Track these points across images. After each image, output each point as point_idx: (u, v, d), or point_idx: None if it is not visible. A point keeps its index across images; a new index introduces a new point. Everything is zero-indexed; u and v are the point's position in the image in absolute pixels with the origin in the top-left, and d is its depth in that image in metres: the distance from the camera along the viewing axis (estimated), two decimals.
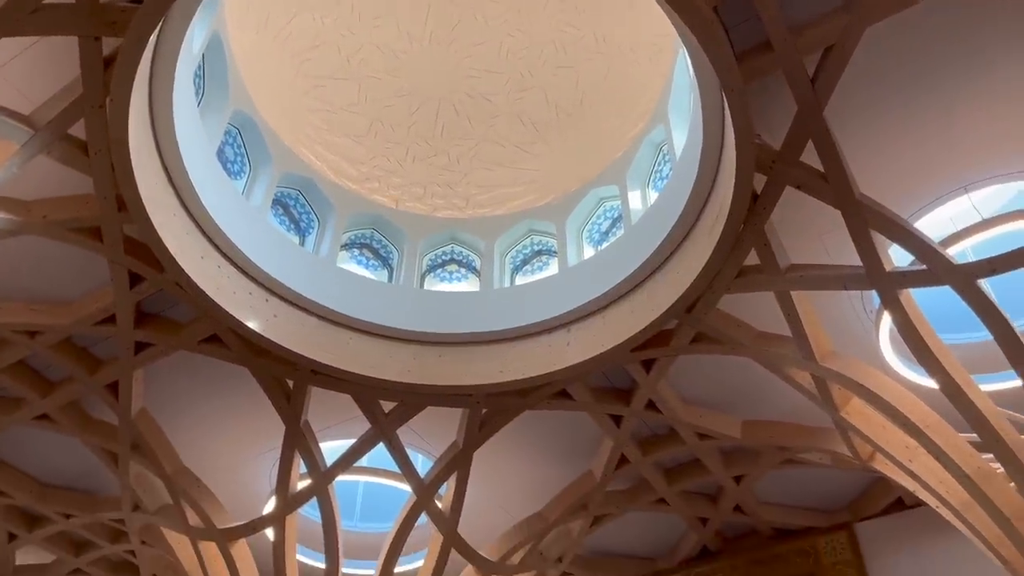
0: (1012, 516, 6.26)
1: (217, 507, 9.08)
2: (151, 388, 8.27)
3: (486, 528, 9.79)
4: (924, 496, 7.44)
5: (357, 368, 7.80)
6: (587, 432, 8.88)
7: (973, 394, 6.15)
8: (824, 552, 10.04)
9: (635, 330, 7.38)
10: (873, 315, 7.36)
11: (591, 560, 11.01)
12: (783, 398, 8.19)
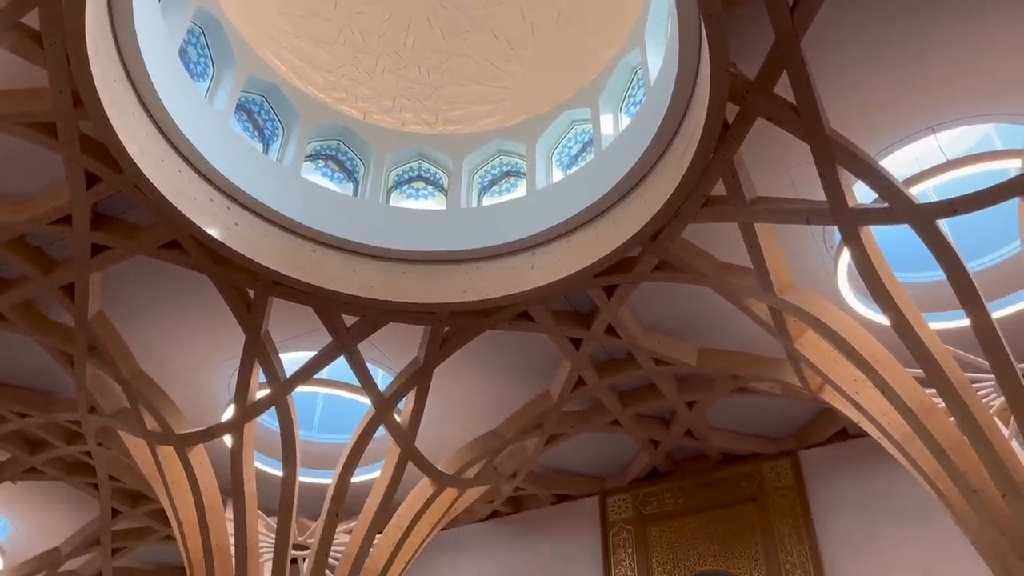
0: (949, 449, 6.52)
1: (175, 413, 9.10)
2: (109, 291, 8.16)
3: (443, 443, 9.97)
4: (867, 427, 7.72)
5: (319, 281, 7.75)
6: (546, 354, 9.00)
7: (922, 331, 6.32)
8: (768, 477, 10.44)
9: (599, 256, 7.42)
10: (833, 251, 7.49)
11: (544, 477, 11.31)
12: (739, 328, 8.36)
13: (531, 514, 11.92)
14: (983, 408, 6.26)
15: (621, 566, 10.71)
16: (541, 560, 11.41)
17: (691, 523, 10.62)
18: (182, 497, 9.27)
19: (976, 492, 6.35)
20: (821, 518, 9.91)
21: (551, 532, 11.58)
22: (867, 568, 9.37)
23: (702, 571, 10.21)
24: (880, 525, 9.56)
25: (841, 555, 9.58)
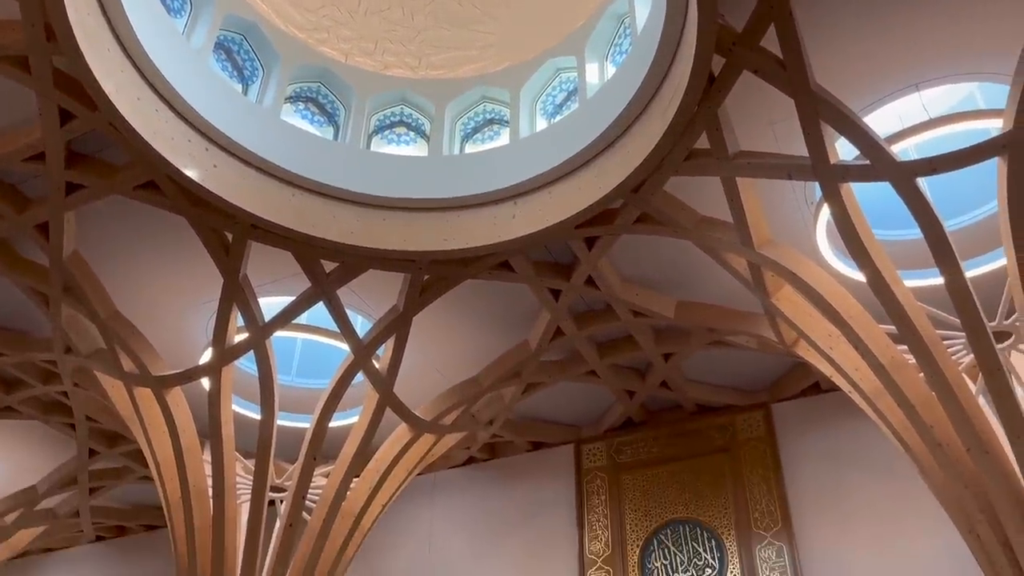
0: (917, 404, 6.66)
1: (152, 355, 9.08)
2: (84, 231, 8.05)
3: (421, 390, 10.04)
4: (839, 381, 7.86)
5: (298, 226, 7.70)
6: (525, 304, 9.04)
7: (897, 289, 6.40)
8: (741, 428, 10.64)
9: (581, 207, 7.41)
10: (813, 207, 7.53)
11: (521, 424, 11.45)
12: (718, 282, 8.43)
13: (507, 460, 12.09)
14: (952, 365, 6.38)
15: (594, 512, 10.92)
16: (516, 505, 11.62)
17: (663, 472, 10.82)
18: (159, 438, 9.31)
19: (942, 446, 6.52)
20: (790, 469, 10.14)
21: (526, 478, 11.77)
22: (833, 517, 9.63)
23: (673, 518, 10.44)
24: (847, 476, 9.80)
25: (808, 505, 9.83)
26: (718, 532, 10.10)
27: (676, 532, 10.34)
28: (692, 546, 10.16)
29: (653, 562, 10.26)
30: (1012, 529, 6.08)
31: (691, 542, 10.19)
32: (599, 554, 10.58)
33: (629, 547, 10.48)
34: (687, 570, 10.03)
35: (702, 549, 10.09)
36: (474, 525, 11.75)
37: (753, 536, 9.85)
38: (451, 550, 11.65)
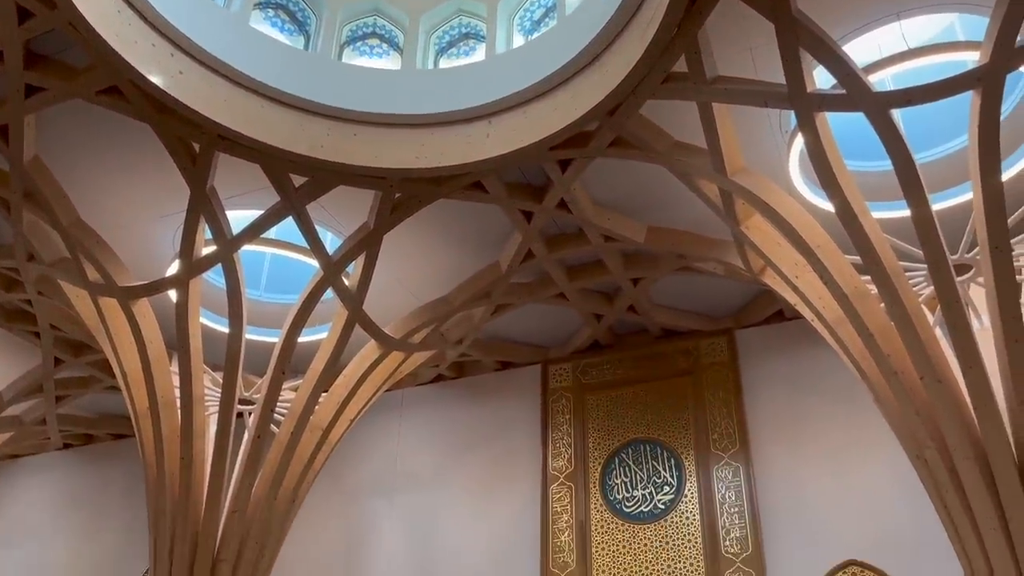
0: (876, 333, 6.82)
1: (117, 265, 8.96)
2: (45, 136, 7.83)
3: (391, 308, 10.07)
4: (803, 310, 8.01)
5: (267, 138, 7.54)
6: (497, 225, 9.02)
7: (864, 220, 6.48)
8: (704, 353, 10.85)
9: (556, 128, 7.33)
10: (787, 136, 7.53)
11: (489, 344, 11.57)
12: (688, 208, 8.45)
13: (475, 379, 12.25)
14: (913, 296, 6.53)
15: (559, 430, 11.18)
16: (483, 422, 11.84)
17: (627, 393, 11.06)
18: (126, 349, 9.28)
19: (897, 374, 6.71)
20: (751, 393, 10.41)
21: (493, 397, 11.97)
22: (788, 440, 9.96)
23: (634, 438, 10.73)
24: (805, 402, 10.10)
25: (766, 428, 10.14)
26: (677, 452, 10.41)
27: (637, 451, 10.64)
28: (652, 464, 10.48)
29: (614, 479, 10.58)
30: (959, 455, 6.34)
31: (651, 461, 10.50)
32: (562, 470, 10.88)
33: (591, 464, 10.78)
34: (646, 487, 10.36)
35: (661, 468, 10.41)
36: (441, 441, 11.98)
37: (711, 456, 10.17)
38: (418, 465, 11.89)
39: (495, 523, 11.01)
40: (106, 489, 13.86)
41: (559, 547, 10.38)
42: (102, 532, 13.51)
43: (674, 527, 9.99)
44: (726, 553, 9.56)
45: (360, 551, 11.60)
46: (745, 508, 9.71)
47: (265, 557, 9.02)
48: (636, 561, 9.97)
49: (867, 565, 9.00)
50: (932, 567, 8.50)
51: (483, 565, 10.80)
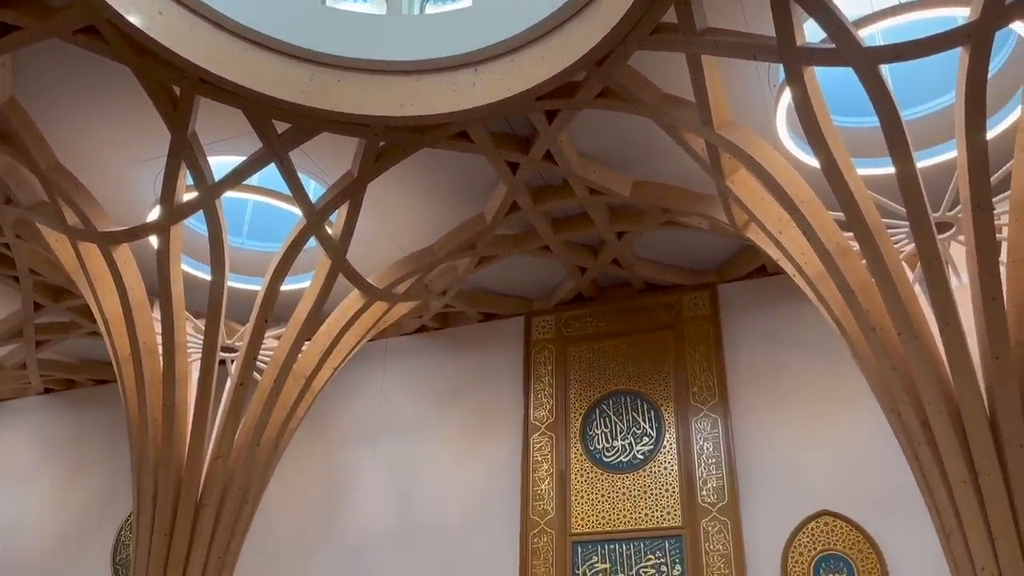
0: (857, 290, 6.89)
1: (97, 209, 8.85)
2: (21, 77, 7.65)
3: (374, 258, 10.04)
4: (785, 265, 8.06)
5: (249, 83, 7.40)
6: (482, 176, 8.96)
7: (849, 176, 6.49)
8: (687, 307, 10.94)
9: (543, 78, 7.23)
10: (775, 91, 7.48)
11: (473, 295, 11.59)
12: (674, 162, 8.43)
13: (458, 330, 12.30)
14: (894, 253, 6.58)
15: (541, 382, 11.28)
16: (465, 373, 11.92)
17: (609, 346, 11.15)
18: (107, 295, 9.22)
19: (875, 330, 6.80)
20: (731, 347, 10.53)
21: (477, 348, 12.03)
22: (767, 394, 10.11)
23: (615, 389, 10.85)
24: (784, 356, 10.23)
25: (745, 381, 10.28)
26: (657, 404, 10.55)
27: (618, 402, 10.77)
28: (632, 416, 10.62)
29: (594, 429, 10.72)
30: (932, 409, 6.46)
31: (631, 412, 10.64)
32: (543, 420, 11.00)
33: (572, 415, 10.91)
34: (626, 438, 10.52)
35: (641, 419, 10.56)
36: (424, 390, 12.06)
37: (690, 408, 10.31)
38: (401, 413, 11.99)
39: (477, 471, 11.16)
40: (88, 434, 13.90)
41: (539, 495, 10.55)
42: (84, 477, 13.58)
43: (652, 476, 10.17)
44: (703, 502, 9.75)
45: (343, 498, 11.74)
46: (722, 459, 9.89)
47: (248, 503, 9.11)
48: (614, 509, 10.16)
49: (839, 515, 9.22)
50: (902, 518, 8.74)
51: (464, 512, 10.97)
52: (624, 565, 9.84)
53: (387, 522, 11.31)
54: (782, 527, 9.39)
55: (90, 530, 13.05)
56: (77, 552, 12.94)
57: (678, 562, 9.61)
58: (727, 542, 9.46)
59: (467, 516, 10.93)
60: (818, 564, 9.10)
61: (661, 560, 9.71)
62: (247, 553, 9.70)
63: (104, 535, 12.90)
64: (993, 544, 6.05)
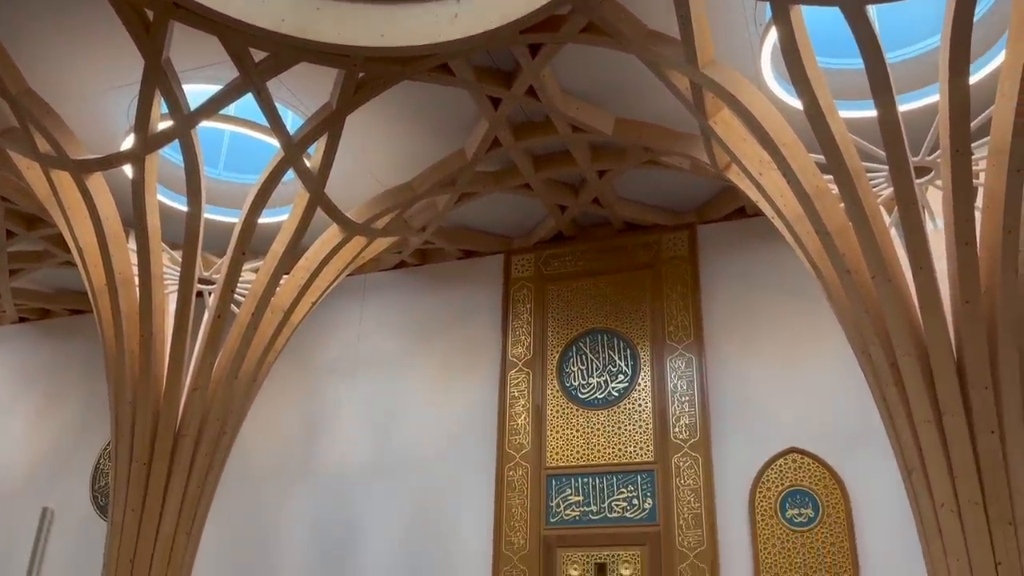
0: (834, 232, 6.94)
1: (69, 137, 8.66)
2: None
3: (353, 193, 9.95)
4: (764, 207, 8.09)
5: (225, 8, 7.19)
6: (463, 111, 8.86)
7: (832, 119, 6.47)
8: (665, 247, 10.99)
9: (527, 11, 7.08)
10: (761, 30, 7.40)
11: (453, 232, 11.56)
12: (657, 101, 8.37)
13: (437, 267, 12.30)
14: (872, 197, 6.62)
15: (519, 319, 11.36)
16: (445, 309, 11.97)
17: (587, 285, 11.22)
18: (81, 225, 9.09)
19: (850, 273, 6.87)
20: (708, 288, 10.63)
21: (456, 285, 12.06)
22: (742, 334, 10.26)
23: (592, 328, 10.96)
24: (760, 298, 10.35)
25: (721, 322, 10.41)
26: (633, 342, 10.68)
27: (594, 340, 10.89)
28: (608, 354, 10.75)
29: (571, 367, 10.86)
30: (901, 352, 6.59)
31: (607, 350, 10.77)
32: (520, 357, 11.12)
33: (549, 352, 11.03)
34: (601, 375, 10.66)
35: (617, 357, 10.69)
36: (402, 326, 12.11)
37: (666, 347, 10.45)
38: (379, 349, 12.05)
39: (454, 406, 11.30)
40: (64, 364, 13.87)
41: (515, 429, 10.72)
42: (61, 406, 13.60)
43: (626, 413, 10.36)
44: (675, 439, 9.97)
45: (322, 430, 11.87)
46: (695, 397, 10.08)
47: (227, 434, 9.18)
48: (588, 444, 10.37)
49: (806, 452, 9.47)
50: (867, 456, 9.00)
51: (441, 445, 11.14)
52: (597, 498, 10.09)
53: (365, 454, 11.47)
54: (751, 463, 9.64)
55: (68, 458, 13.13)
56: (56, 480, 13.03)
57: (649, 496, 9.86)
58: (697, 477, 9.71)
59: (444, 449, 11.11)
60: (784, 499, 9.38)
61: (633, 494, 9.96)
62: (226, 483, 9.83)
63: (82, 463, 12.99)
64: (953, 482, 6.24)
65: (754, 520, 9.41)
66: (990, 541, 6.00)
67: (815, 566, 9.02)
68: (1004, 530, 5.99)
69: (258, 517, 11.60)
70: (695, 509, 9.59)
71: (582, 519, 10.07)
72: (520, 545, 10.12)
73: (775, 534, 9.28)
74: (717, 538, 9.43)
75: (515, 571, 10.01)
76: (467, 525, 10.56)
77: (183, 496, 8.71)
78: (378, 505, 11.10)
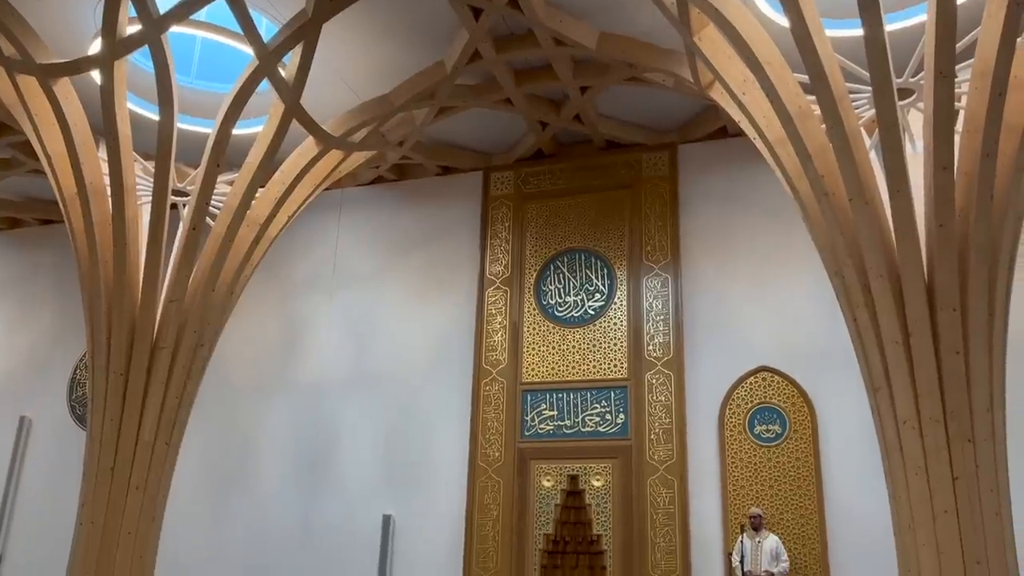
0: (814, 154, 6.92)
1: (35, 41, 8.35)
2: None
3: (330, 105, 9.76)
4: (746, 127, 8.04)
5: None
6: (443, 21, 8.63)
7: (818, 38, 6.37)
8: (646, 166, 10.95)
9: None
10: None
11: (431, 147, 11.41)
12: (642, 15, 8.21)
13: (416, 183, 12.19)
14: (854, 118, 6.59)
15: (497, 237, 11.34)
16: (422, 226, 11.91)
17: (567, 203, 11.19)
18: (49, 131, 8.86)
19: (828, 195, 6.89)
20: (687, 208, 10.65)
21: (434, 201, 11.97)
22: (718, 255, 10.36)
23: (570, 247, 10.98)
24: (737, 219, 10.40)
25: (698, 242, 10.48)
26: (611, 261, 10.73)
27: (572, 259, 10.93)
28: (585, 272, 10.81)
29: (548, 285, 10.92)
30: (873, 274, 6.67)
31: (585, 269, 10.83)
32: (499, 275, 11.15)
33: (527, 270, 11.07)
34: (578, 294, 10.75)
35: (594, 276, 10.76)
36: (380, 242, 12.07)
37: (643, 267, 10.53)
38: (357, 264, 12.03)
39: (432, 323, 11.38)
40: (36, 274, 13.73)
41: (492, 346, 10.84)
42: (34, 317, 13.53)
43: (602, 331, 10.49)
44: (648, 356, 10.14)
45: (299, 344, 11.93)
46: (670, 316, 10.21)
47: (204, 346, 9.18)
48: (564, 360, 10.52)
49: (776, 371, 9.70)
50: (835, 376, 9.24)
51: (418, 360, 11.26)
52: (571, 413, 10.30)
53: (343, 368, 11.57)
54: (722, 381, 9.86)
55: (44, 369, 13.13)
56: (32, 390, 13.05)
57: (622, 411, 10.08)
58: (669, 394, 9.92)
59: (421, 364, 11.23)
60: (753, 415, 9.64)
61: (606, 409, 10.18)
62: (204, 395, 9.88)
63: (59, 374, 13.01)
64: (917, 401, 6.42)
65: (723, 435, 9.68)
66: (949, 457, 6.22)
67: (780, 479, 9.34)
68: (963, 446, 6.20)
69: (238, 428, 11.74)
70: (666, 424, 9.84)
71: (556, 433, 10.30)
72: (495, 457, 10.37)
73: (743, 449, 9.57)
74: (687, 452, 9.71)
75: (490, 482, 10.28)
76: (444, 438, 10.77)
77: (162, 406, 8.75)
78: (356, 418, 11.27)
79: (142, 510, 8.46)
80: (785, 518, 9.16)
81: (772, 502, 9.25)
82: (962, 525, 6.04)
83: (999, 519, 6.07)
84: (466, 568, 10.06)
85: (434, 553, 10.34)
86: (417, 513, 10.59)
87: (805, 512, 9.13)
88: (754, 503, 9.23)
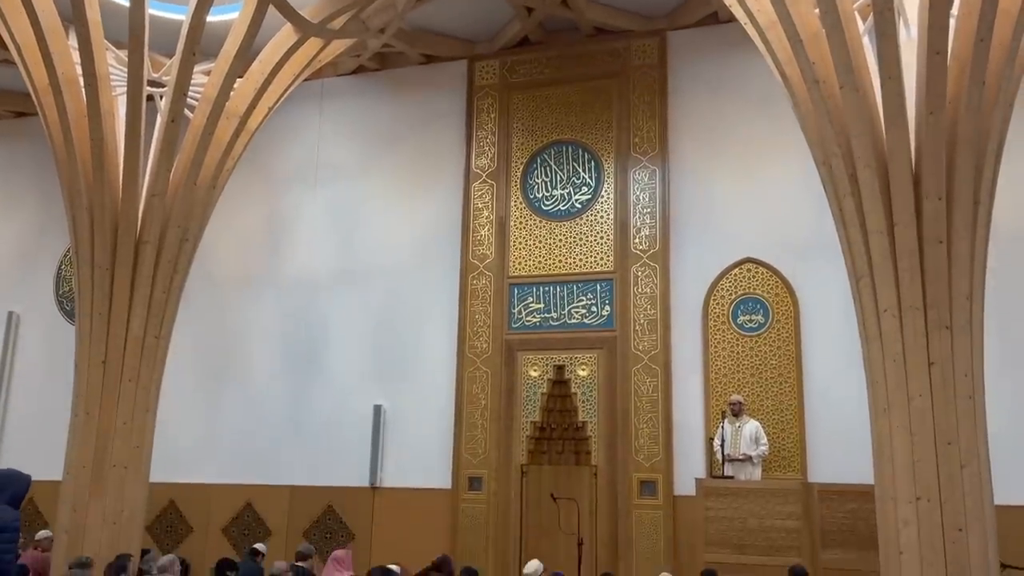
0: (806, 40, 6.76)
1: None
2: None
3: None
4: (737, 12, 7.80)
5: None
6: None
7: None
8: (635, 55, 10.69)
9: None
10: None
11: (413, 35, 11.08)
12: None
13: (398, 72, 11.88)
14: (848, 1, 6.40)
15: (483, 129, 11.15)
16: (406, 117, 11.68)
17: (553, 93, 10.97)
18: (16, 18, 8.51)
19: (818, 83, 6.77)
20: (676, 97, 10.47)
21: (417, 91, 11.71)
22: (706, 146, 10.26)
23: (557, 139, 10.83)
24: (726, 108, 10.25)
25: (686, 133, 10.36)
26: (598, 154, 10.62)
27: (559, 152, 10.80)
28: (572, 165, 10.71)
29: (535, 178, 10.83)
30: (861, 163, 6.62)
31: (572, 162, 10.72)
32: (484, 168, 11.03)
33: (513, 164, 10.95)
34: (565, 187, 10.68)
35: (582, 169, 10.66)
36: (363, 134, 11.86)
37: (630, 159, 10.42)
38: (340, 156, 11.85)
39: (417, 216, 11.32)
40: (14, 168, 13.47)
41: (479, 240, 10.83)
42: (15, 210, 13.35)
43: (588, 224, 10.48)
44: (635, 249, 10.17)
45: (284, 238, 11.88)
46: (657, 209, 10.19)
47: (188, 240, 9.11)
48: (550, 254, 10.55)
49: (760, 262, 9.78)
50: (818, 265, 9.32)
51: (404, 254, 11.26)
52: (557, 305, 10.40)
53: (329, 262, 11.57)
54: (707, 272, 9.94)
55: (29, 263, 13.05)
56: (18, 285, 13.00)
57: (608, 303, 10.19)
58: (654, 285, 10.01)
59: (407, 258, 11.23)
60: (737, 306, 9.77)
61: (592, 301, 10.28)
62: (192, 290, 9.91)
63: (44, 269, 12.94)
64: (898, 289, 6.48)
65: (707, 326, 9.83)
66: (926, 344, 6.34)
67: (762, 368, 9.55)
68: (941, 334, 6.32)
69: (227, 322, 11.81)
70: (651, 316, 9.96)
71: (542, 325, 10.42)
72: (483, 349, 10.52)
73: (726, 339, 9.74)
74: (671, 343, 9.87)
75: (478, 372, 10.47)
76: (432, 330, 10.89)
77: (149, 301, 8.76)
78: (344, 310, 11.34)
79: (136, 402, 8.59)
80: (766, 405, 9.42)
81: (753, 389, 9.49)
82: (936, 408, 6.22)
83: (971, 403, 6.25)
84: (456, 455, 10.36)
85: (425, 441, 10.61)
86: (407, 403, 10.82)
87: (785, 399, 9.38)
88: (736, 391, 9.46)
